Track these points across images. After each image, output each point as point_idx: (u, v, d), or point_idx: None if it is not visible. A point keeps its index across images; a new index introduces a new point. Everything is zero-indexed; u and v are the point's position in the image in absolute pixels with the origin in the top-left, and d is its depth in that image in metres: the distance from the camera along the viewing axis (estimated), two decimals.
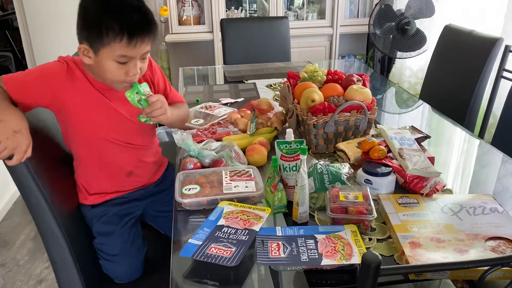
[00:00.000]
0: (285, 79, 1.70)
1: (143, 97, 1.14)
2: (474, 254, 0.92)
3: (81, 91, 1.17)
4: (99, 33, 1.04)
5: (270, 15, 3.57)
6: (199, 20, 3.58)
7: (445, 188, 1.22)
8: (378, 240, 1.02)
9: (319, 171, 1.18)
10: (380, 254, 0.95)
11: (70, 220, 1.21)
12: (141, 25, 1.07)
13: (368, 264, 0.59)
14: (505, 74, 1.97)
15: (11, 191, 2.68)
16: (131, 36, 1.05)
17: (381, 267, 0.60)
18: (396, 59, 3.25)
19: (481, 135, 2.09)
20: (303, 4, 3.79)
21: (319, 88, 1.52)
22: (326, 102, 1.39)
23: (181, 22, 3.51)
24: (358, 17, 3.78)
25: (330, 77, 1.59)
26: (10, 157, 0.99)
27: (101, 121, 1.22)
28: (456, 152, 1.59)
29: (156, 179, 1.43)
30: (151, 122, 1.22)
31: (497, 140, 1.90)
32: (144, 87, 1.16)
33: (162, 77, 1.39)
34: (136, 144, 1.31)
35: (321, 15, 3.76)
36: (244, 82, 2.29)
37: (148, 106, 1.15)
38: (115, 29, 1.04)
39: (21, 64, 4.28)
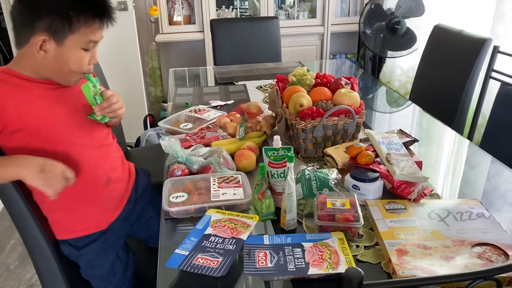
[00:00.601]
0: (275, 81, 1.70)
1: (99, 91, 1.09)
2: (460, 261, 0.93)
3: (29, 99, 1.07)
4: (68, 19, 1.00)
5: (261, 14, 3.56)
6: (189, 20, 3.56)
7: (433, 192, 1.23)
8: (365, 247, 1.02)
9: (307, 177, 1.18)
10: (367, 262, 0.97)
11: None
12: (107, 8, 1.08)
13: (351, 280, 0.59)
14: (493, 74, 1.98)
15: None
16: (100, 18, 1.05)
17: (364, 282, 0.60)
18: (387, 58, 3.25)
19: (470, 134, 2.10)
20: (294, 3, 3.78)
21: (308, 91, 1.52)
22: (314, 107, 1.39)
23: (171, 22, 3.49)
24: (349, 15, 3.78)
25: (319, 80, 1.58)
26: None
27: (60, 123, 1.12)
28: (445, 154, 1.60)
29: (132, 183, 1.37)
30: (107, 119, 1.13)
31: (487, 139, 1.91)
32: (97, 81, 1.10)
33: None
34: (100, 142, 1.23)
35: (312, 13, 3.76)
36: (235, 84, 2.28)
37: (105, 100, 1.10)
38: (87, 14, 1.03)
39: None
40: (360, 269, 0.60)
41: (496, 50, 1.95)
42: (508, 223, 1.10)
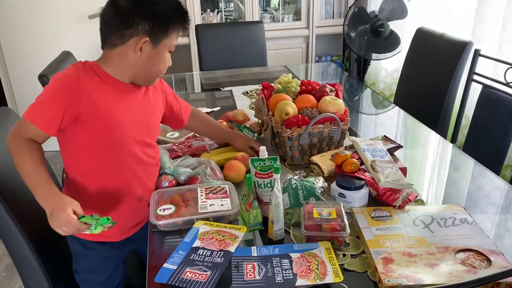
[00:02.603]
0: (260, 85, 1.71)
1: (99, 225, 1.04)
2: (444, 267, 0.95)
3: (103, 92, 1.14)
4: (166, 25, 1.14)
5: (246, 17, 3.57)
6: None
7: (417, 198, 1.25)
8: (352, 255, 1.03)
9: (294, 187, 1.19)
10: (354, 271, 0.98)
11: (45, 246, 1.19)
12: (189, 20, 1.22)
13: None
14: (475, 77, 2.01)
15: None
16: (185, 27, 1.20)
17: None
18: (372, 60, 3.28)
19: (454, 135, 2.14)
20: (279, 5, 3.80)
21: (293, 99, 1.53)
22: (300, 115, 1.40)
23: None
24: (333, 18, 3.81)
25: (304, 87, 1.60)
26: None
27: (125, 124, 1.18)
28: (429, 158, 1.63)
29: None
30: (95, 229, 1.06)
31: (470, 140, 1.95)
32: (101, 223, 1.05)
33: (170, 90, 1.44)
34: (148, 158, 1.26)
35: (297, 16, 3.78)
36: (221, 90, 2.29)
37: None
38: (178, 21, 1.17)
39: None
40: (345, 286, 0.62)
41: (477, 53, 1.99)
42: (492, 224, 1.13)
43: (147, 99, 1.26)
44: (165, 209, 1.15)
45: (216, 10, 3.73)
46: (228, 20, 3.78)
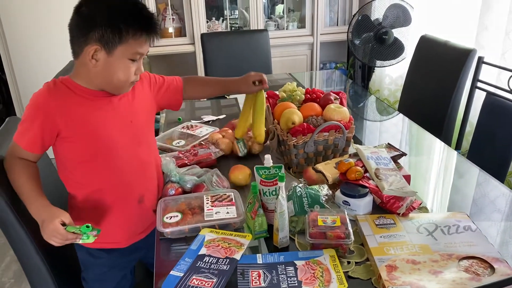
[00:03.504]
0: (265, 93, 1.73)
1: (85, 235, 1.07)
2: (448, 275, 0.96)
3: (76, 104, 1.15)
4: (119, 31, 1.08)
5: (251, 25, 3.60)
6: (180, 32, 3.59)
7: (421, 205, 1.26)
8: (356, 263, 1.04)
9: (298, 195, 1.21)
10: (358, 278, 0.99)
11: (54, 254, 1.21)
12: (153, 24, 1.15)
13: None
14: (479, 84, 2.02)
15: None
16: (147, 33, 1.13)
17: None
18: (376, 67, 3.30)
19: (459, 142, 2.14)
20: (283, 13, 3.83)
21: (298, 107, 1.55)
22: (305, 123, 1.42)
23: (162, 35, 3.52)
24: (338, 25, 3.83)
25: (309, 96, 1.62)
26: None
27: (107, 130, 1.19)
28: (433, 165, 1.64)
29: None
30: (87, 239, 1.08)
31: (474, 147, 1.95)
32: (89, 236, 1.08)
33: (153, 75, 1.39)
34: (142, 154, 1.27)
35: (302, 23, 3.80)
36: (226, 98, 2.31)
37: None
38: (135, 26, 1.10)
39: (2, 79, 4.23)
40: None
41: (480, 60, 2.00)
42: (497, 232, 1.14)
43: (126, 100, 1.24)
44: (171, 216, 1.17)
45: (221, 18, 3.77)
46: (233, 28, 3.81)
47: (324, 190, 1.24)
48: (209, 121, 1.95)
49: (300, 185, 1.24)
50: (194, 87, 1.47)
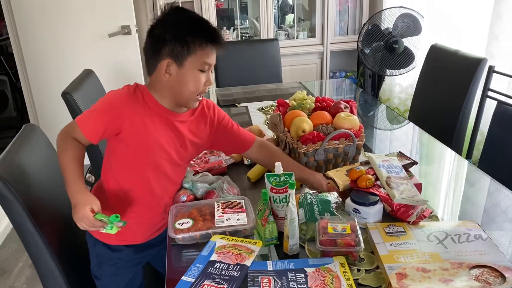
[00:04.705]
0: (275, 101, 1.75)
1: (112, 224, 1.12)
2: (458, 283, 0.96)
3: (144, 114, 1.22)
4: (186, 44, 1.16)
5: (261, 35, 3.63)
6: None
7: (432, 214, 1.26)
8: (366, 270, 1.05)
9: (309, 202, 1.21)
10: (368, 286, 1.00)
11: (68, 258, 1.23)
12: (217, 35, 1.22)
13: None
14: (490, 93, 2.02)
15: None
16: (212, 43, 1.20)
17: None
18: (386, 76, 3.30)
19: (469, 151, 2.14)
20: (293, 22, 3.86)
21: (308, 115, 1.56)
22: (315, 131, 1.43)
23: None
24: (348, 34, 3.85)
25: (319, 104, 1.63)
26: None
27: (159, 146, 1.25)
28: (444, 174, 1.63)
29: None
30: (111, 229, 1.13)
31: (485, 157, 1.94)
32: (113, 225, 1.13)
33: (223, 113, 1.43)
34: (176, 178, 1.34)
35: (312, 33, 3.83)
36: (237, 106, 2.33)
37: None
38: (200, 38, 1.18)
39: (17, 87, 4.31)
40: None
41: (491, 70, 2.00)
42: (509, 241, 1.13)
43: (185, 126, 1.30)
44: (183, 223, 1.18)
45: (232, 28, 3.81)
46: (243, 37, 3.85)
47: (334, 198, 1.25)
48: None
49: (311, 192, 1.25)
50: (260, 154, 1.45)
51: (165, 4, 1.23)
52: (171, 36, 1.16)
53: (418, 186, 1.31)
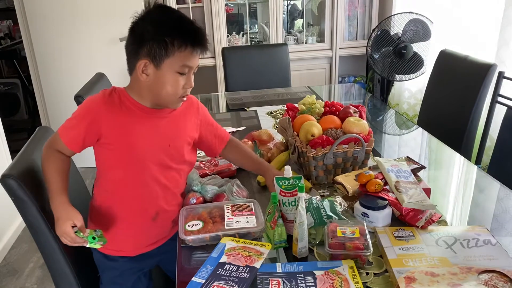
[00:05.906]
0: (285, 105, 1.76)
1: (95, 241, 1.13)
2: None
3: (123, 116, 1.20)
4: (164, 45, 1.12)
5: (271, 39, 3.65)
6: None
7: (441, 219, 1.26)
8: (375, 274, 1.05)
9: (315, 206, 1.22)
10: None
11: (80, 259, 1.25)
12: (199, 37, 1.17)
13: None
14: (499, 99, 2.02)
15: (20, 219, 2.73)
16: (193, 45, 1.15)
17: None
18: (395, 81, 3.30)
19: (479, 157, 2.13)
20: (302, 27, 3.87)
21: (318, 119, 1.57)
22: (324, 135, 1.44)
23: None
24: (357, 39, 3.86)
25: (328, 108, 1.64)
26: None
27: (143, 145, 1.22)
28: (453, 179, 1.63)
29: (174, 232, 1.37)
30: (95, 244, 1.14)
31: (495, 162, 1.94)
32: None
33: (206, 117, 1.41)
34: (167, 179, 1.28)
35: (321, 37, 3.84)
36: (246, 110, 2.35)
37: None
38: (180, 40, 1.13)
39: (28, 91, 4.37)
40: None
41: (501, 75, 1.99)
42: None
43: (173, 124, 1.27)
44: (193, 225, 1.20)
45: (242, 33, 3.83)
46: (253, 42, 3.88)
47: (339, 201, 1.26)
48: (229, 132, 1.98)
49: (316, 197, 1.26)
50: (233, 152, 1.46)
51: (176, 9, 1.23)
52: (150, 35, 1.13)
53: (427, 191, 1.31)
